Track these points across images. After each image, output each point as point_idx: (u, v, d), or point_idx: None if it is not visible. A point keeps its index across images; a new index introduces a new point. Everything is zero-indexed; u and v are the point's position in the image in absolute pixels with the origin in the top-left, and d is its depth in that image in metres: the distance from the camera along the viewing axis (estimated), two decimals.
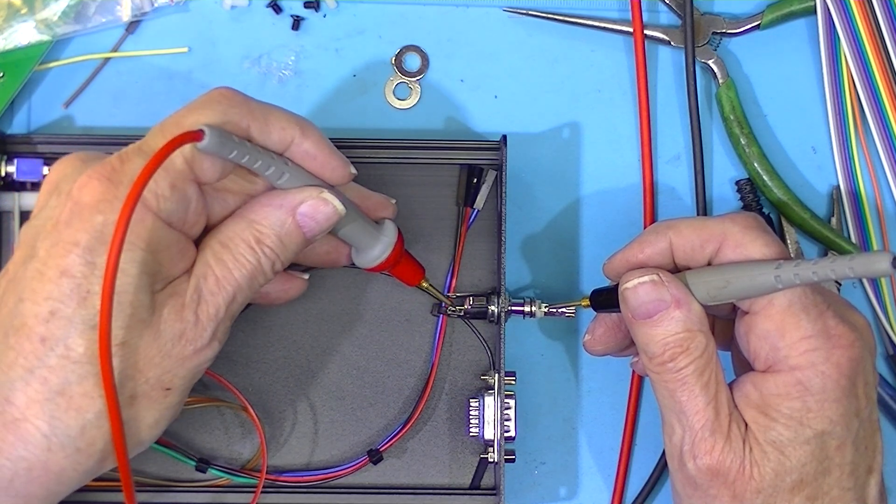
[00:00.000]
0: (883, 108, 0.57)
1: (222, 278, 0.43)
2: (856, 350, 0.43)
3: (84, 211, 0.41)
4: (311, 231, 0.45)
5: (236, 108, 0.44)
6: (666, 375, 0.44)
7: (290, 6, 0.59)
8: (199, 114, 0.43)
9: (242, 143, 0.43)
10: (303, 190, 0.45)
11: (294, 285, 0.51)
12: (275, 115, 0.45)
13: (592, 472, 0.57)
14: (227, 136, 0.42)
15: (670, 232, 0.46)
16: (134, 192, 0.39)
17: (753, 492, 0.43)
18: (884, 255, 0.38)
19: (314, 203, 0.45)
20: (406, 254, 0.51)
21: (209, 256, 0.44)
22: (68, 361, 0.41)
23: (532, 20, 0.59)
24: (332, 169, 0.46)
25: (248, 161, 0.43)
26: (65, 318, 0.41)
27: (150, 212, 0.41)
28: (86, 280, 0.40)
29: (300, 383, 0.55)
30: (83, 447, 0.41)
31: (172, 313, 0.42)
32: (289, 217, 0.45)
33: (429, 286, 0.53)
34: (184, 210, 0.43)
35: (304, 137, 0.45)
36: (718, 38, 0.58)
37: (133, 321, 0.41)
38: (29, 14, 0.57)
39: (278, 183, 0.45)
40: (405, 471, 0.55)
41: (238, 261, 0.44)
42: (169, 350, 0.42)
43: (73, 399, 0.41)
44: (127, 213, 0.39)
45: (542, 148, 0.58)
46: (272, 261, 0.45)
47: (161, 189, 0.42)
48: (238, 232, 0.44)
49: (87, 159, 0.43)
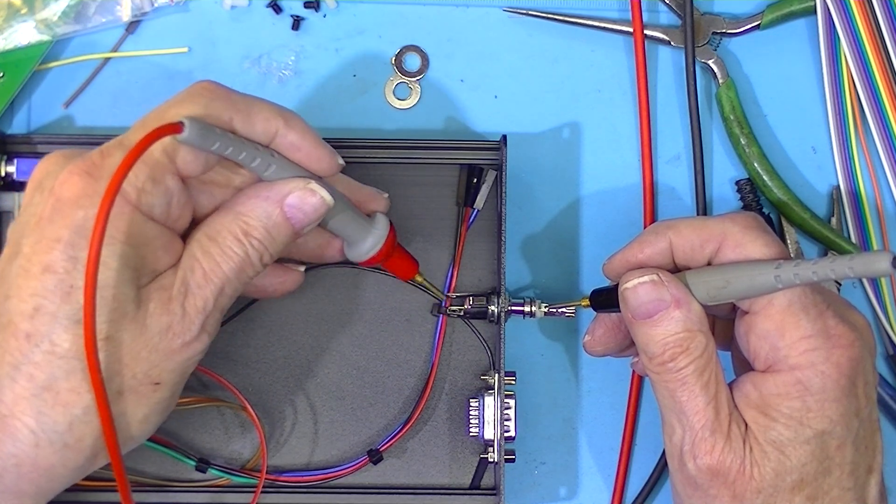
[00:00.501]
0: (883, 108, 0.57)
1: (210, 271, 0.43)
2: (856, 350, 0.43)
3: (65, 206, 0.41)
4: (299, 222, 0.45)
5: (219, 100, 0.43)
6: (666, 375, 0.44)
7: (290, 6, 0.59)
8: (181, 107, 0.43)
9: (225, 134, 0.42)
10: (290, 181, 0.45)
11: (290, 278, 0.51)
12: (258, 107, 0.44)
13: (592, 472, 0.57)
14: (208, 128, 0.41)
15: (670, 232, 0.46)
16: (112, 185, 0.39)
17: (754, 492, 0.43)
18: (883, 255, 0.38)
19: (301, 194, 0.45)
20: (399, 247, 0.51)
21: (196, 249, 0.43)
22: (54, 357, 0.41)
23: (532, 20, 0.59)
24: (319, 160, 0.46)
25: (232, 153, 0.43)
26: (49, 313, 0.41)
27: (130, 205, 0.41)
28: (69, 275, 0.40)
29: (300, 383, 0.55)
30: (71, 443, 0.41)
31: (159, 307, 0.42)
32: (276, 208, 0.44)
33: (423, 280, 0.53)
34: (166, 203, 0.43)
35: (289, 129, 0.45)
36: (718, 38, 0.58)
37: (117, 315, 0.41)
38: (29, 14, 0.57)
39: (265, 175, 0.45)
40: (405, 471, 0.55)
41: (226, 253, 0.43)
42: (156, 344, 0.42)
43: (60, 394, 0.41)
44: (106, 206, 0.39)
45: (542, 148, 0.58)
46: (260, 253, 0.44)
47: (141, 182, 0.42)
48: (225, 224, 0.44)
49: (70, 156, 0.43)
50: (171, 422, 0.54)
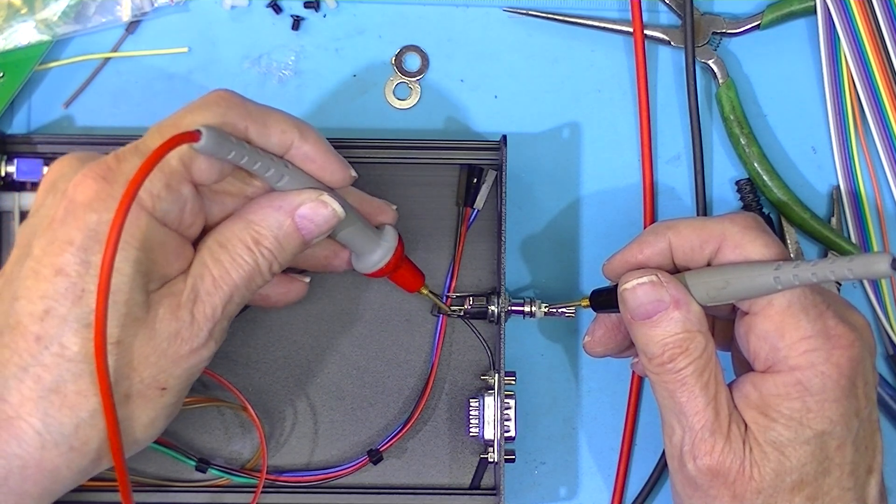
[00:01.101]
0: (883, 108, 0.57)
1: (219, 278, 0.43)
2: (855, 350, 0.43)
3: (78, 209, 0.41)
4: (309, 233, 0.45)
5: (235, 109, 0.44)
6: (665, 376, 0.44)
7: (290, 6, 0.59)
8: (197, 115, 0.43)
9: (241, 144, 0.43)
10: (302, 192, 0.45)
11: (294, 288, 0.51)
12: (274, 118, 0.45)
13: (592, 472, 0.57)
14: (224, 137, 0.42)
15: (669, 232, 0.46)
16: (130, 191, 0.39)
17: (754, 492, 0.43)
18: (883, 257, 0.38)
19: (313, 205, 0.45)
20: (406, 260, 0.51)
21: (207, 257, 0.44)
22: (62, 360, 0.41)
23: (532, 20, 0.59)
24: (332, 172, 0.46)
25: (247, 162, 0.43)
26: (59, 316, 0.41)
27: (144, 211, 0.42)
28: (80, 279, 0.41)
29: (300, 383, 0.55)
30: (77, 445, 0.42)
31: (168, 313, 0.42)
32: (287, 219, 0.45)
33: (429, 293, 0.53)
34: (179, 210, 0.43)
35: (304, 140, 0.45)
36: (718, 38, 0.58)
37: (128, 320, 0.41)
38: (29, 14, 0.57)
39: (278, 185, 0.45)
40: (405, 471, 0.55)
41: (235, 261, 0.44)
42: (164, 349, 0.42)
43: (68, 397, 0.41)
44: (123, 212, 0.39)
45: (542, 148, 0.58)
46: (270, 262, 0.45)
47: (156, 189, 0.42)
48: (236, 232, 0.44)
49: (85, 159, 0.43)
50: (172, 422, 0.54)
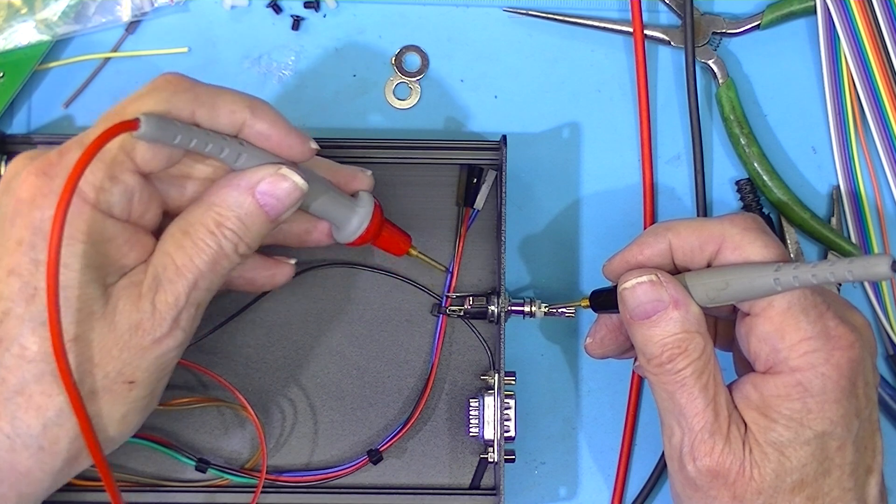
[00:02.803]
0: (883, 108, 0.57)
1: (182, 266, 0.43)
2: (856, 351, 0.43)
3: (24, 207, 0.41)
4: (273, 209, 0.44)
5: (181, 93, 0.43)
6: (664, 377, 0.44)
7: (290, 6, 0.59)
8: (141, 102, 0.42)
9: (187, 127, 0.42)
10: (260, 168, 0.44)
11: (280, 271, 0.50)
12: (223, 98, 0.44)
13: (592, 472, 0.57)
14: (166, 123, 0.41)
15: (669, 233, 0.46)
16: (67, 186, 0.38)
17: (754, 493, 0.43)
18: (883, 259, 0.38)
19: (272, 180, 0.44)
20: (388, 223, 0.51)
21: (169, 244, 0.43)
22: (24, 361, 0.40)
23: (532, 20, 0.59)
24: (290, 146, 0.45)
25: (197, 145, 0.42)
26: (17, 317, 0.40)
27: (88, 204, 0.41)
28: (32, 277, 0.40)
29: (300, 383, 0.55)
30: (46, 446, 0.41)
31: (129, 304, 0.42)
32: (248, 197, 0.44)
33: (418, 254, 0.53)
34: (126, 200, 0.42)
35: (256, 118, 0.44)
36: (718, 38, 0.58)
37: (83, 315, 0.41)
38: (29, 14, 0.57)
39: (236, 164, 0.44)
40: (405, 471, 0.55)
41: (198, 246, 0.43)
42: (126, 341, 0.42)
43: (33, 398, 0.41)
44: (62, 207, 0.38)
45: (542, 148, 0.58)
46: (234, 244, 0.44)
47: (99, 180, 0.41)
48: (198, 216, 0.43)
49: (34, 156, 0.42)
50: (172, 422, 0.54)
